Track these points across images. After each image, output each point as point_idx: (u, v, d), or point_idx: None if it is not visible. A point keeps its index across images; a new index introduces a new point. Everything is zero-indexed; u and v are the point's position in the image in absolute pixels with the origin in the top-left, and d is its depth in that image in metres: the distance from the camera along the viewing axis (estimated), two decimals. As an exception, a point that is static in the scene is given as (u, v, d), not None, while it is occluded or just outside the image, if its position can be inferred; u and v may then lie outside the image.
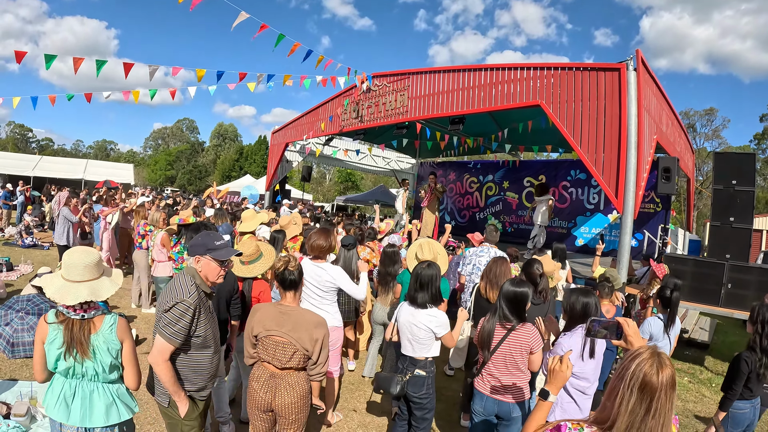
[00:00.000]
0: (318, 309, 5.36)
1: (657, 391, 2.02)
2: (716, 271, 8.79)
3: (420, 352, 4.49)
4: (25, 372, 6.31)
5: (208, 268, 3.55)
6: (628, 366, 2.11)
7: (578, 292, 4.38)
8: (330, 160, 23.09)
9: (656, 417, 2.02)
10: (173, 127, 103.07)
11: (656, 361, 2.07)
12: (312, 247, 5.34)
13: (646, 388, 2.03)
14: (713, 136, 55.21)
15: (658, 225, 12.88)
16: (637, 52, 8.61)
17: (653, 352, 2.12)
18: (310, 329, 3.67)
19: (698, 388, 7.96)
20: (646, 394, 2.02)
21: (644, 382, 2.03)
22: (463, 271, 7.39)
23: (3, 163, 33.53)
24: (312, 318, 3.77)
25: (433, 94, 12.59)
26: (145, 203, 11.24)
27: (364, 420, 5.87)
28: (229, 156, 77.40)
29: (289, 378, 3.68)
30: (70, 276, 3.13)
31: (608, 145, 8.87)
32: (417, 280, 4.54)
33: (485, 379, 4.20)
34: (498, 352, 4.10)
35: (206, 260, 3.54)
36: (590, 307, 4.22)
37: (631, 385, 2.06)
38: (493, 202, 19.87)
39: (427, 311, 4.47)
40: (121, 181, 31.39)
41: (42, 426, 4.97)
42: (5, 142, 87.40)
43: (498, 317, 4.18)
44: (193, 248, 3.59)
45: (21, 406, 4.99)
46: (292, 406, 3.68)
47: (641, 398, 2.03)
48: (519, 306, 4.17)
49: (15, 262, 12.31)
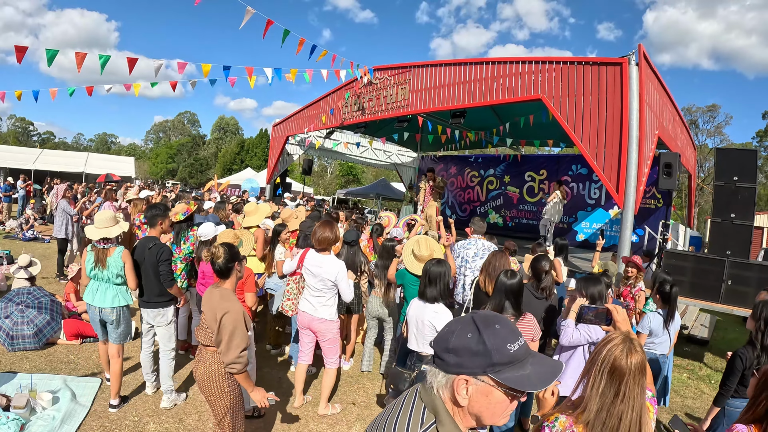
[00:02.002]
0: (316, 301, 5.44)
1: (626, 375, 2.09)
2: (717, 267, 8.80)
3: (425, 348, 4.54)
4: (25, 364, 6.32)
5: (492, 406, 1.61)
6: (600, 350, 2.20)
7: (589, 279, 4.47)
8: (331, 153, 23.07)
9: (625, 401, 2.08)
10: (174, 120, 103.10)
11: (627, 346, 2.15)
12: (319, 241, 5.39)
13: (615, 371, 2.11)
14: (715, 132, 55.01)
15: (659, 221, 12.85)
16: (640, 47, 8.59)
17: (625, 337, 2.20)
18: (214, 307, 3.77)
19: (697, 384, 7.95)
20: (615, 377, 2.10)
21: (614, 366, 2.11)
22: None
23: (4, 156, 33.52)
24: (218, 295, 3.85)
25: (434, 87, 12.59)
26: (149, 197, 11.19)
27: (363, 413, 5.88)
28: (230, 149, 77.31)
29: (206, 354, 3.85)
30: (97, 225, 5.37)
31: (609, 139, 8.86)
32: (427, 276, 4.64)
33: None
34: None
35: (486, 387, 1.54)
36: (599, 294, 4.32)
37: (602, 369, 2.14)
38: (494, 197, 19.88)
39: (432, 307, 4.54)
40: (122, 174, 31.41)
41: (41, 418, 4.97)
42: (6, 136, 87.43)
43: (496, 310, 4.19)
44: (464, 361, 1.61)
45: (21, 398, 4.98)
46: (204, 382, 3.83)
47: (610, 382, 2.11)
48: (517, 297, 4.25)
49: (15, 255, 12.28)
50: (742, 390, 4.68)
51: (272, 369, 6.72)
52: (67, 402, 5.27)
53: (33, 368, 6.21)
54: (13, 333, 6.70)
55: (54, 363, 6.45)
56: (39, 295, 7.37)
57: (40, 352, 6.74)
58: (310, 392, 6.17)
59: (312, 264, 5.42)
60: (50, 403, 5.20)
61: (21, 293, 7.34)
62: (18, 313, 6.89)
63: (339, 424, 5.56)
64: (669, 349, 5.75)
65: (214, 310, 3.76)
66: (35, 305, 7.10)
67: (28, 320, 6.83)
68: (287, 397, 6.03)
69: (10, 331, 6.70)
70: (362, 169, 67.20)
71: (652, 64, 9.37)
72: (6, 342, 6.67)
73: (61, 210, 11.13)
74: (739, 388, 4.68)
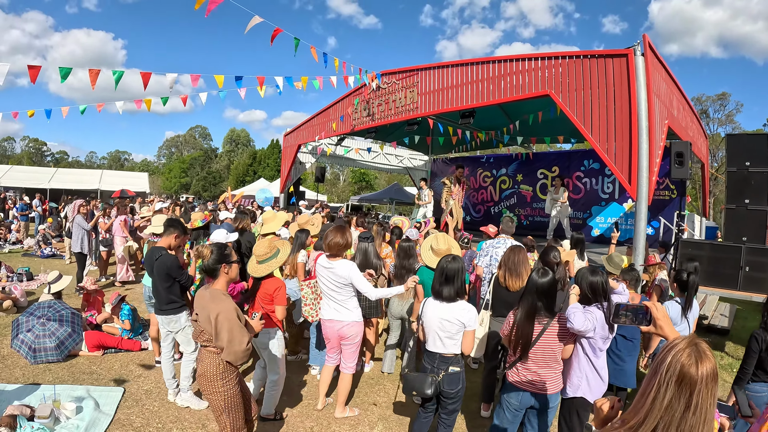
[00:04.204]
0: (337, 304, 5.47)
1: (697, 383, 1.80)
2: (733, 254, 8.76)
3: (451, 348, 4.43)
4: (48, 376, 6.40)
5: None
6: (663, 358, 1.91)
7: (587, 271, 4.41)
8: (343, 160, 23.10)
9: (697, 413, 1.81)
10: (186, 134, 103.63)
11: (695, 351, 1.86)
12: (330, 246, 5.40)
13: (684, 380, 1.82)
14: (727, 121, 54.43)
15: (674, 212, 12.80)
16: (644, 37, 8.55)
17: (691, 341, 1.91)
18: (207, 306, 3.84)
19: (719, 374, 7.88)
20: (685, 387, 1.82)
21: (682, 374, 1.82)
22: (481, 262, 7.36)
23: (20, 176, 33.88)
24: (208, 295, 3.91)
25: (442, 89, 12.62)
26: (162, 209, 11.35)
27: (385, 413, 5.90)
28: (242, 161, 77.63)
29: (204, 354, 3.96)
30: (155, 224, 6.93)
31: (619, 131, 8.84)
32: (443, 273, 4.48)
33: (521, 374, 4.16)
34: (536, 347, 4.05)
35: None
36: (597, 285, 4.27)
37: (667, 379, 1.85)
38: (507, 196, 19.86)
39: (459, 305, 4.42)
40: (137, 190, 31.62)
41: (65, 427, 5.04)
42: (20, 157, 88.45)
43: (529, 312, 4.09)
44: None
45: (45, 408, 5.06)
46: (201, 380, 3.94)
47: (679, 393, 1.82)
48: (550, 297, 4.10)
49: (35, 272, 12.48)
50: (761, 374, 4.67)
51: (291, 374, 6.73)
52: (91, 411, 5.34)
53: (56, 380, 6.30)
54: (36, 346, 6.79)
55: (76, 374, 6.53)
56: (60, 308, 7.46)
57: (62, 363, 6.83)
58: (332, 395, 6.19)
59: (322, 266, 5.46)
60: (74, 412, 5.27)
61: (42, 307, 7.44)
62: (39, 326, 6.99)
63: (361, 425, 5.59)
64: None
65: (206, 310, 3.83)
66: (56, 318, 7.20)
67: (49, 333, 6.93)
68: (308, 400, 6.10)
69: (32, 344, 6.80)
70: (375, 175, 67.25)
71: (658, 53, 9.33)
72: (29, 355, 6.77)
73: (77, 225, 11.30)
74: (758, 372, 4.67)
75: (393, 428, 5.56)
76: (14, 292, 9.57)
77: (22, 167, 45.68)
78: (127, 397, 5.88)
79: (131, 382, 6.35)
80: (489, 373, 5.96)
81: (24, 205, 21.17)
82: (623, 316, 2.54)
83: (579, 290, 4.36)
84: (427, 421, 4.75)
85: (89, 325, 7.77)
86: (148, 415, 5.49)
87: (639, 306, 2.51)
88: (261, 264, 5.21)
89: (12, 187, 31.31)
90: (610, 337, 4.25)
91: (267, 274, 5.25)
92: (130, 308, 8.06)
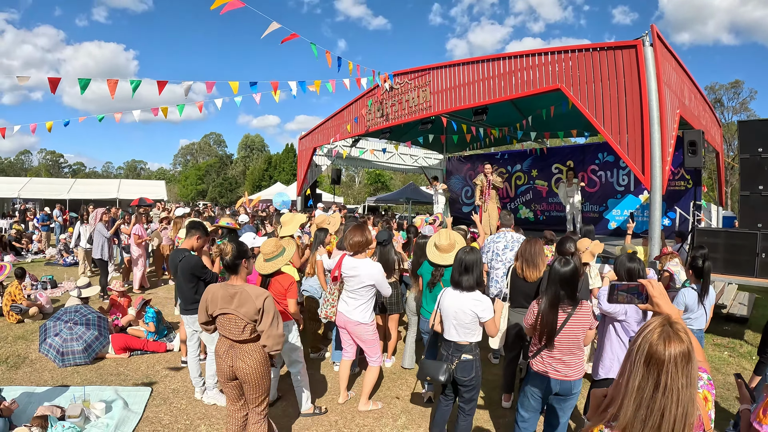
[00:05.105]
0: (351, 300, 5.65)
1: (665, 363, 1.77)
2: (749, 241, 8.74)
3: (465, 337, 4.56)
4: (76, 378, 6.56)
5: None
6: (636, 338, 1.90)
7: (625, 258, 4.64)
8: (358, 161, 23.21)
9: (667, 394, 1.77)
10: (200, 142, 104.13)
11: (665, 330, 1.84)
12: (351, 245, 5.60)
13: (651, 360, 1.80)
14: (741, 109, 53.84)
15: (690, 202, 12.78)
16: (652, 27, 8.59)
17: (663, 321, 1.89)
18: (253, 301, 3.95)
19: (739, 361, 7.90)
20: (653, 367, 1.79)
21: (649, 353, 1.81)
22: (483, 258, 7.45)
23: (39, 187, 34.33)
24: (253, 291, 4.02)
25: (454, 87, 12.71)
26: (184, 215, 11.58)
27: (407, 406, 5.99)
28: (258, 166, 77.94)
29: (246, 347, 4.06)
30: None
31: (631, 122, 8.88)
32: (461, 264, 4.62)
33: (545, 361, 4.24)
34: (560, 334, 4.14)
35: None
36: (634, 271, 4.53)
37: (636, 359, 1.84)
38: (523, 192, 19.88)
39: (472, 295, 4.54)
40: (154, 198, 31.95)
41: (96, 426, 5.18)
42: (38, 169, 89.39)
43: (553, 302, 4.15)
44: None
45: (75, 408, 5.20)
46: (252, 372, 4.05)
47: (647, 373, 1.80)
48: (573, 286, 4.17)
49: (58, 280, 12.73)
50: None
51: (314, 371, 6.85)
52: (120, 410, 5.47)
53: (84, 381, 6.45)
54: (64, 349, 6.97)
55: (104, 375, 6.69)
56: (86, 312, 7.64)
57: (90, 366, 6.99)
58: (354, 389, 6.33)
59: (348, 268, 5.60)
60: (103, 411, 5.40)
61: (68, 311, 7.62)
62: (67, 330, 7.16)
63: (384, 417, 5.68)
64: (705, 324, 5.73)
65: (252, 301, 3.93)
66: (83, 322, 7.36)
67: (77, 336, 7.10)
68: (331, 395, 6.21)
69: (60, 348, 6.97)
70: (390, 176, 67.38)
71: (667, 43, 9.36)
72: (57, 358, 6.94)
73: (98, 232, 11.54)
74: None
75: (416, 420, 5.64)
76: (39, 299, 9.78)
77: (41, 179, 46.34)
78: (154, 396, 6.02)
79: (158, 382, 6.49)
80: (509, 364, 6.05)
81: (45, 215, 21.53)
82: (620, 295, 2.58)
83: (614, 275, 4.51)
84: (448, 409, 4.87)
85: (114, 327, 7.94)
86: (176, 413, 5.62)
87: (634, 285, 2.55)
88: (268, 262, 5.37)
89: (31, 198, 31.74)
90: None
91: (275, 271, 5.43)
92: (154, 311, 8.21)
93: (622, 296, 2.57)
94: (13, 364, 7.02)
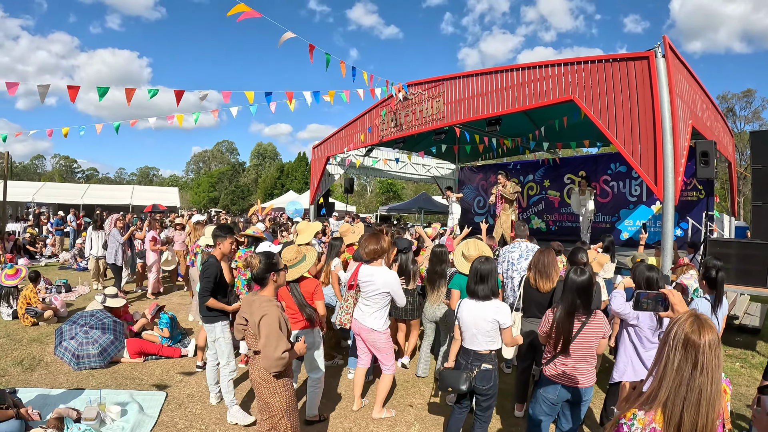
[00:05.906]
0: (366, 308, 5.70)
1: (701, 347, 2.01)
2: (762, 251, 8.71)
3: (486, 345, 4.61)
4: (91, 381, 6.64)
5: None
6: (670, 329, 2.14)
7: (645, 267, 4.81)
8: (371, 171, 23.17)
9: (704, 372, 2.00)
10: (213, 149, 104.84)
11: (696, 321, 2.08)
12: (367, 253, 5.66)
13: (688, 344, 2.03)
14: (753, 118, 53.48)
15: (702, 212, 12.76)
16: (664, 39, 8.61)
17: (692, 314, 2.14)
18: (253, 312, 3.95)
19: (750, 372, 7.89)
20: (690, 350, 2.03)
21: (686, 339, 2.04)
22: (499, 269, 7.47)
23: (53, 192, 34.73)
24: (259, 305, 3.97)
25: (467, 98, 12.75)
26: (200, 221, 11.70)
27: (421, 414, 6.02)
28: (270, 174, 78.31)
29: (257, 358, 4.02)
30: (207, 235, 6.86)
31: (643, 133, 8.89)
32: (477, 274, 4.68)
33: (558, 368, 4.31)
34: (575, 342, 4.20)
35: None
36: (653, 280, 4.69)
37: (674, 344, 2.07)
38: (535, 202, 19.83)
39: (492, 303, 4.60)
40: (168, 204, 32.17)
41: (111, 429, 5.25)
42: (51, 174, 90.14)
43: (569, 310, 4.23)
44: None
45: (91, 410, 5.26)
46: (257, 385, 4.06)
47: (686, 355, 2.03)
48: (589, 295, 4.24)
49: (72, 284, 12.88)
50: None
51: (328, 378, 6.86)
52: (135, 413, 5.54)
53: (99, 385, 6.53)
54: (79, 353, 7.07)
55: (119, 379, 6.77)
56: (102, 317, 7.74)
57: (105, 370, 7.08)
58: (367, 396, 6.35)
59: (364, 275, 5.65)
60: (119, 415, 5.47)
61: (84, 315, 7.74)
62: (83, 334, 7.27)
63: (398, 425, 5.71)
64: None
65: (252, 315, 3.94)
66: (99, 326, 7.47)
67: (92, 340, 7.19)
68: (346, 402, 6.25)
69: (75, 351, 7.08)
70: (402, 185, 67.39)
71: (679, 54, 9.37)
72: (72, 362, 7.04)
73: (112, 238, 11.68)
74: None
75: (429, 428, 5.67)
76: (54, 302, 9.90)
77: (55, 184, 46.88)
78: (169, 401, 6.08)
79: (173, 387, 6.55)
80: (522, 373, 6.09)
81: (59, 220, 21.74)
82: (645, 303, 2.80)
83: (630, 282, 4.77)
84: (462, 417, 4.90)
85: (129, 332, 8.02)
86: (191, 417, 5.67)
87: (658, 293, 2.78)
88: (291, 268, 5.41)
89: (45, 203, 32.02)
90: (660, 329, 4.44)
91: (299, 277, 5.47)
92: (168, 317, 8.29)
93: (647, 304, 2.81)
94: (29, 366, 7.12)
